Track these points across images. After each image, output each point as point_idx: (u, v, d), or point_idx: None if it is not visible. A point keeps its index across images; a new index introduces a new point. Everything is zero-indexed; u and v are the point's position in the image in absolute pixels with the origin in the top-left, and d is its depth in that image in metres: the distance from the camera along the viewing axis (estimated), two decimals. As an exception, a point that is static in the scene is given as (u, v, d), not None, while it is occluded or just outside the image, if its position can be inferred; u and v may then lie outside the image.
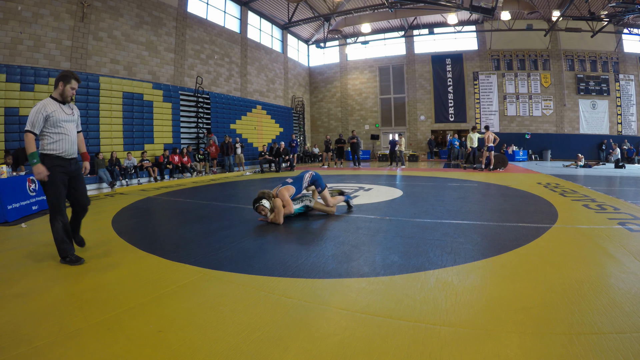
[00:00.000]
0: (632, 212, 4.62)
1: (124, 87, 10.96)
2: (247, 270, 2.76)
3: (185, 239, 3.77)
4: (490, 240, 3.51)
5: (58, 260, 3.02)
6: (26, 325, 1.94)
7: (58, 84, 3.05)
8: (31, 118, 2.92)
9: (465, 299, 2.16)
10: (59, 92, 3.06)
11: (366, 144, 22.18)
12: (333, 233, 3.88)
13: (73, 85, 3.09)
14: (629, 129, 19.17)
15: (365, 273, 2.65)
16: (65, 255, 2.98)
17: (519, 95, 20.07)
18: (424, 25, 20.94)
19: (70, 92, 3.08)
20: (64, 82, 3.04)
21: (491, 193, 7.00)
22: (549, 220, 4.27)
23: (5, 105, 8.15)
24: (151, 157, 11.27)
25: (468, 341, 1.69)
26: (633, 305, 1.99)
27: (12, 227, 4.63)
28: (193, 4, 14.62)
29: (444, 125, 21.19)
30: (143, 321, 1.96)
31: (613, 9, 15.22)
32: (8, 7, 8.64)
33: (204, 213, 5.33)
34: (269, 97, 19.60)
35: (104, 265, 2.95)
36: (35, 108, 2.93)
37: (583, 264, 2.72)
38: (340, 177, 10.45)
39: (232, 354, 1.63)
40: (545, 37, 19.01)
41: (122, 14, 11.57)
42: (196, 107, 13.73)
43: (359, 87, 22.88)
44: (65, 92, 3.06)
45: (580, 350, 1.57)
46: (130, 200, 6.85)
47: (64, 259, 2.98)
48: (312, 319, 1.97)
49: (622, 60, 19.13)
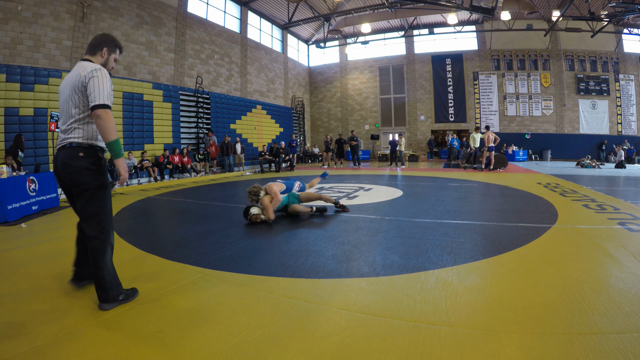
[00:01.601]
0: (632, 212, 4.62)
1: (124, 87, 10.96)
2: (247, 270, 2.76)
3: (185, 239, 3.77)
4: (490, 240, 3.51)
5: (59, 261, 2.99)
6: (26, 325, 1.94)
7: (101, 50, 2.23)
8: (105, 87, 2.06)
9: (465, 299, 2.16)
10: (102, 61, 2.24)
11: (366, 144, 22.18)
12: (333, 233, 3.88)
13: (117, 55, 2.34)
14: (629, 129, 19.17)
15: (365, 273, 2.65)
16: (119, 294, 2.16)
17: (519, 95, 20.06)
18: (424, 25, 20.93)
19: (112, 64, 2.32)
20: (109, 49, 2.26)
21: (491, 193, 7.00)
22: (549, 220, 4.27)
23: (5, 105, 8.14)
24: (151, 157, 11.27)
25: (468, 341, 1.69)
26: (633, 305, 1.99)
27: (12, 227, 4.63)
28: (193, 4, 14.62)
29: (444, 125, 21.18)
30: (143, 321, 1.96)
31: (613, 9, 15.22)
32: (8, 7, 8.64)
33: (204, 213, 5.32)
34: (269, 97, 19.60)
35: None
36: (102, 73, 2.08)
37: (583, 264, 2.72)
38: (340, 177, 10.45)
39: (232, 354, 1.63)
40: (545, 37, 19.01)
41: (122, 14, 11.57)
42: (196, 107, 13.73)
43: (359, 87, 22.88)
44: (109, 63, 2.29)
45: (580, 350, 1.57)
46: (130, 200, 6.85)
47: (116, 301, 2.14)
48: (312, 319, 1.97)
49: (622, 60, 19.13)
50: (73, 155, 2.08)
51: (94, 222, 2.11)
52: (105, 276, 2.11)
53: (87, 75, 2.04)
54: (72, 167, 2.08)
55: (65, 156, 2.09)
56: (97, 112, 2.02)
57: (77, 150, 2.09)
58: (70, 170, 2.09)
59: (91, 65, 2.11)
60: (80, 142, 2.09)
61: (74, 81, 2.07)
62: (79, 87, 2.05)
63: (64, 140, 2.11)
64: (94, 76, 2.04)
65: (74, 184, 2.10)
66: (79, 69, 2.11)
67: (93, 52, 2.23)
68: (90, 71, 2.05)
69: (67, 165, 2.09)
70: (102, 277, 2.11)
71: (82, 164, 2.08)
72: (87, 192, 2.09)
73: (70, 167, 2.08)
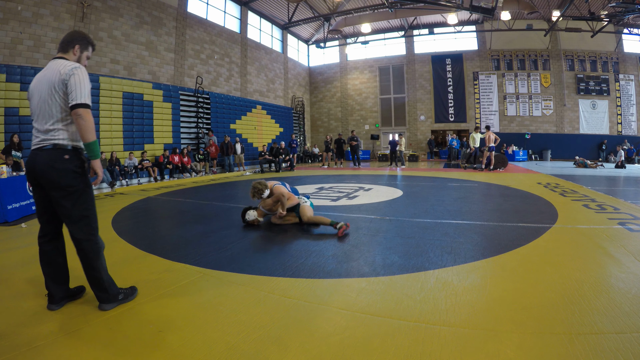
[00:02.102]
0: (632, 212, 4.62)
1: (124, 87, 10.95)
2: (247, 270, 2.76)
3: (185, 239, 3.77)
4: (490, 240, 3.51)
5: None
6: (26, 325, 1.94)
7: (73, 47, 2.16)
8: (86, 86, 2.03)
9: (465, 299, 2.16)
10: (74, 59, 2.17)
11: (366, 144, 22.18)
12: (333, 233, 3.88)
13: (89, 53, 2.26)
14: (629, 129, 19.17)
15: (365, 273, 2.65)
16: (118, 293, 2.18)
17: (519, 95, 20.06)
18: (424, 25, 20.93)
19: (85, 62, 2.23)
20: (81, 46, 2.19)
21: (491, 193, 7.00)
22: (549, 220, 4.27)
23: (5, 105, 8.15)
24: (151, 157, 11.27)
25: (468, 341, 1.69)
26: (633, 305, 1.99)
27: (12, 227, 4.63)
28: (193, 4, 14.62)
29: (444, 125, 21.18)
30: (143, 321, 1.96)
31: (613, 9, 15.21)
32: (8, 7, 8.64)
33: (204, 213, 5.32)
34: (269, 97, 19.60)
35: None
36: (81, 72, 2.04)
37: (583, 264, 2.72)
38: (340, 177, 10.45)
39: (232, 354, 1.63)
40: (545, 37, 19.01)
41: (122, 14, 11.57)
42: (196, 107, 13.73)
43: (359, 87, 22.88)
44: (82, 60, 2.21)
45: (580, 350, 1.57)
46: (130, 200, 6.85)
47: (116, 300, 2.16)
48: (312, 319, 1.97)
49: (622, 60, 19.12)
50: (57, 157, 2.02)
51: (84, 224, 2.08)
52: (103, 276, 2.11)
53: (67, 73, 1.99)
54: (59, 169, 2.01)
55: (49, 158, 2.01)
56: (79, 111, 1.98)
57: (62, 152, 2.03)
58: (56, 173, 2.01)
59: (70, 63, 2.06)
60: (64, 144, 2.04)
61: (53, 79, 2.01)
62: (59, 86, 2.00)
63: (45, 141, 2.03)
64: (74, 74, 2.00)
65: (59, 187, 2.02)
66: (56, 66, 2.04)
67: (65, 49, 2.15)
68: (70, 69, 2.01)
69: (52, 168, 2.01)
70: (101, 278, 2.10)
71: (69, 167, 2.03)
72: (74, 195, 2.05)
73: (56, 170, 2.01)
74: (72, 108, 1.98)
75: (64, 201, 2.04)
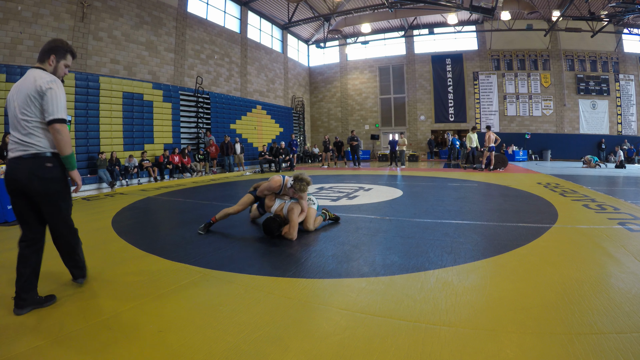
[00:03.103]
0: (632, 212, 4.62)
1: (124, 87, 10.95)
2: (247, 270, 2.76)
3: (185, 239, 3.77)
4: (490, 240, 3.51)
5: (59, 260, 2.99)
6: (26, 325, 1.94)
7: (48, 57, 2.19)
8: (62, 100, 2.10)
9: (465, 299, 2.16)
10: (51, 69, 2.19)
11: (366, 144, 22.18)
12: (333, 233, 3.88)
13: (68, 61, 2.28)
14: (629, 129, 19.17)
15: (365, 273, 2.65)
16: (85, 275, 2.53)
17: (519, 95, 20.06)
18: (424, 25, 20.93)
19: (64, 71, 2.27)
20: (57, 56, 2.21)
21: (491, 193, 7.00)
22: (549, 220, 4.27)
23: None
24: (151, 157, 11.27)
25: (468, 341, 1.69)
26: (633, 305, 1.99)
27: (12, 227, 4.63)
28: (193, 4, 14.62)
29: (444, 125, 21.18)
30: (143, 321, 1.97)
31: (613, 9, 15.22)
32: (8, 7, 8.64)
33: (204, 213, 5.32)
34: (269, 97, 19.60)
35: (104, 266, 2.95)
36: (57, 86, 2.08)
37: (583, 264, 2.72)
38: (340, 177, 10.45)
39: (232, 354, 1.63)
40: (545, 37, 19.01)
41: (122, 14, 11.56)
42: (196, 107, 13.73)
43: (359, 87, 22.88)
44: (59, 70, 2.23)
45: (580, 350, 1.57)
46: (130, 200, 6.84)
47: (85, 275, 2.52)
48: (312, 319, 1.97)
49: (622, 60, 19.12)
50: (40, 166, 2.09)
51: (64, 222, 2.28)
52: (82, 258, 2.48)
53: (43, 86, 2.04)
54: (43, 178, 2.09)
55: (32, 167, 2.07)
56: (56, 127, 2.06)
57: (44, 160, 2.10)
58: (41, 183, 2.09)
59: (47, 75, 2.10)
60: (44, 151, 2.10)
61: (29, 89, 2.04)
62: (35, 96, 2.04)
63: (24, 150, 2.07)
64: (51, 88, 2.05)
65: (45, 194, 2.12)
66: (33, 76, 2.08)
67: (42, 59, 2.19)
68: (47, 82, 2.06)
69: (36, 177, 2.07)
70: (80, 259, 2.46)
71: (53, 175, 2.13)
72: (56, 199, 2.18)
73: (40, 179, 2.08)
74: (50, 123, 2.06)
75: (49, 206, 2.18)
